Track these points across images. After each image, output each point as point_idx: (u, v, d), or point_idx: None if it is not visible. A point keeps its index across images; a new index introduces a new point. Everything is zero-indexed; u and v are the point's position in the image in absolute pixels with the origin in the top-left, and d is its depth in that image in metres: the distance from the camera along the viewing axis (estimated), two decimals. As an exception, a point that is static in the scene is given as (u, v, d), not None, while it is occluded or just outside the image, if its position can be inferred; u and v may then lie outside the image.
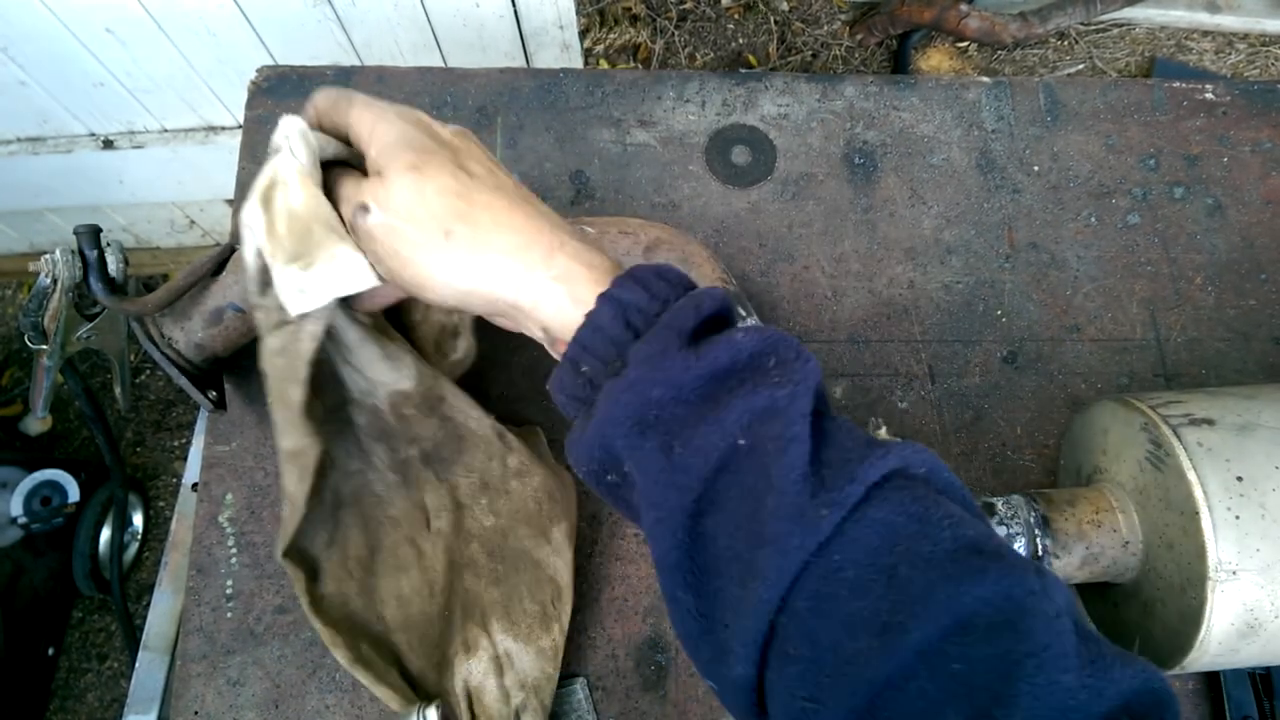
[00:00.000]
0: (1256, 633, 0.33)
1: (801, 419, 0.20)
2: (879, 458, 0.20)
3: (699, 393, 0.21)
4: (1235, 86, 0.53)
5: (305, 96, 0.51)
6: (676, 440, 0.21)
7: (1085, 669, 0.17)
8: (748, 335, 0.22)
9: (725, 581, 0.20)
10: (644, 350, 0.22)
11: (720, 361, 0.21)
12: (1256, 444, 0.34)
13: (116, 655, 0.89)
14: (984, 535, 0.20)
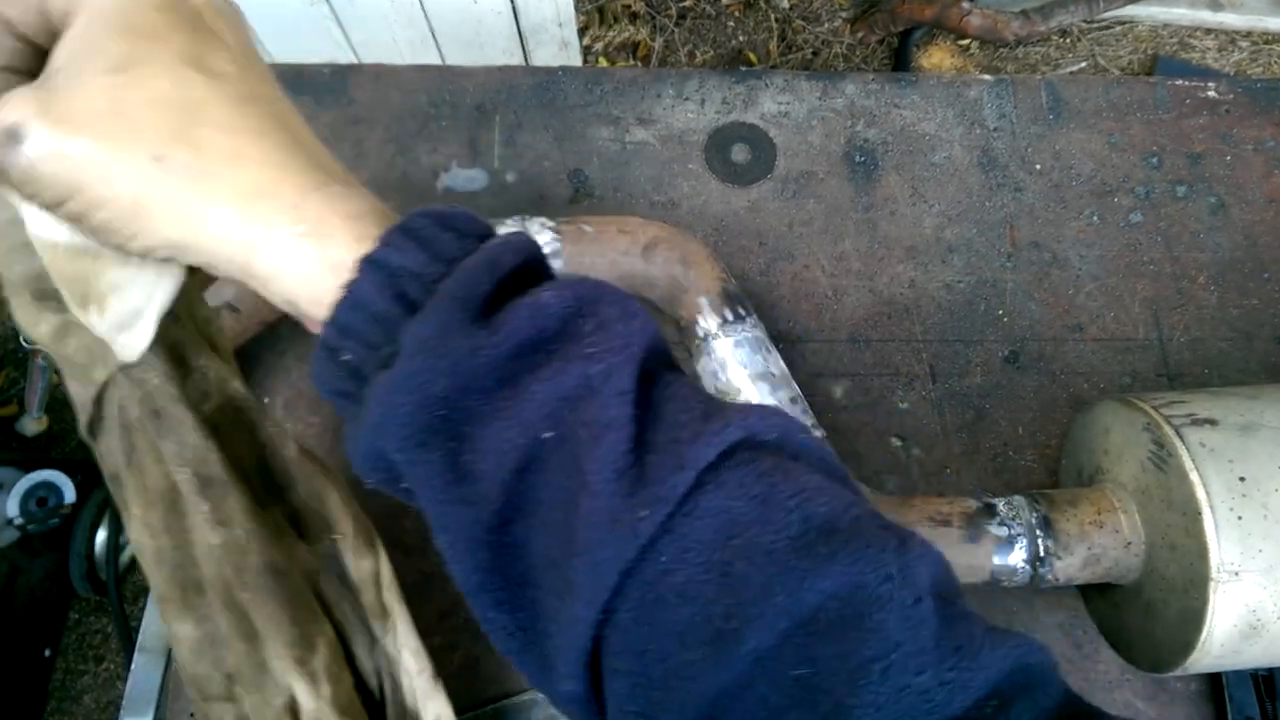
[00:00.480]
0: (1259, 634, 0.33)
1: (619, 398, 0.16)
2: (715, 432, 0.16)
3: (494, 378, 0.16)
4: (1238, 84, 0.53)
5: (302, 95, 0.51)
6: (465, 445, 0.17)
7: (946, 661, 0.15)
8: (558, 294, 0.17)
9: (542, 593, 0.17)
10: (420, 330, 0.16)
11: (520, 333, 0.17)
12: (1259, 444, 0.34)
13: (113, 657, 0.89)
14: (839, 508, 0.16)
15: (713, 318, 0.40)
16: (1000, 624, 0.44)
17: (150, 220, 0.17)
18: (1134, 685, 0.41)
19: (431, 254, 0.18)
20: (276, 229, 0.17)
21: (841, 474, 0.19)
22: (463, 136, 0.50)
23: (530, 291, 0.17)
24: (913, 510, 0.38)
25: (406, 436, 0.16)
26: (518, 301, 0.17)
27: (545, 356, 0.17)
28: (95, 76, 0.16)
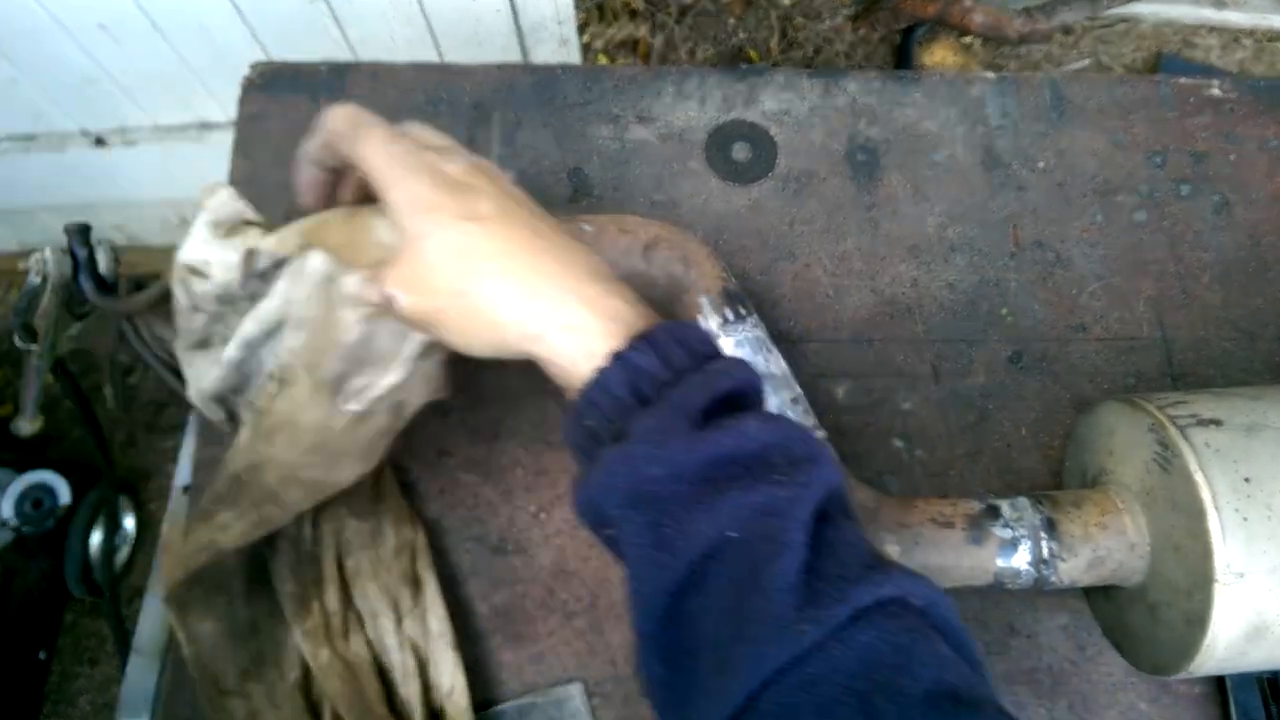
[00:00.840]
0: (1264, 636, 0.33)
1: (799, 526, 0.20)
2: (876, 583, 0.20)
3: (698, 475, 0.21)
4: (1242, 83, 0.53)
5: (299, 93, 0.50)
6: (668, 519, 0.21)
7: None
8: (762, 426, 0.21)
9: (699, 664, 0.20)
10: (647, 424, 0.21)
11: (724, 448, 0.21)
12: (1264, 445, 0.34)
13: (109, 659, 0.88)
14: (968, 683, 0.19)
15: (713, 317, 0.39)
16: (1002, 628, 0.43)
17: (474, 335, 0.25)
18: (1138, 688, 0.41)
19: (665, 362, 0.23)
20: (546, 323, 0.24)
21: (972, 653, 0.22)
22: (461, 135, 0.49)
23: (741, 416, 0.22)
24: (916, 512, 0.37)
25: (623, 498, 0.21)
26: (727, 421, 0.22)
27: (743, 471, 0.21)
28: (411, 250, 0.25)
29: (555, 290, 0.24)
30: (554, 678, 0.40)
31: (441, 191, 0.25)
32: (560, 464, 0.44)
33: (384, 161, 0.25)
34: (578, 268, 0.24)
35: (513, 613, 0.41)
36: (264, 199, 0.48)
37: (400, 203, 0.25)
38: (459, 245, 0.24)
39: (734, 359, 0.24)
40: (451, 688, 0.36)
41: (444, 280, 0.24)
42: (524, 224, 0.25)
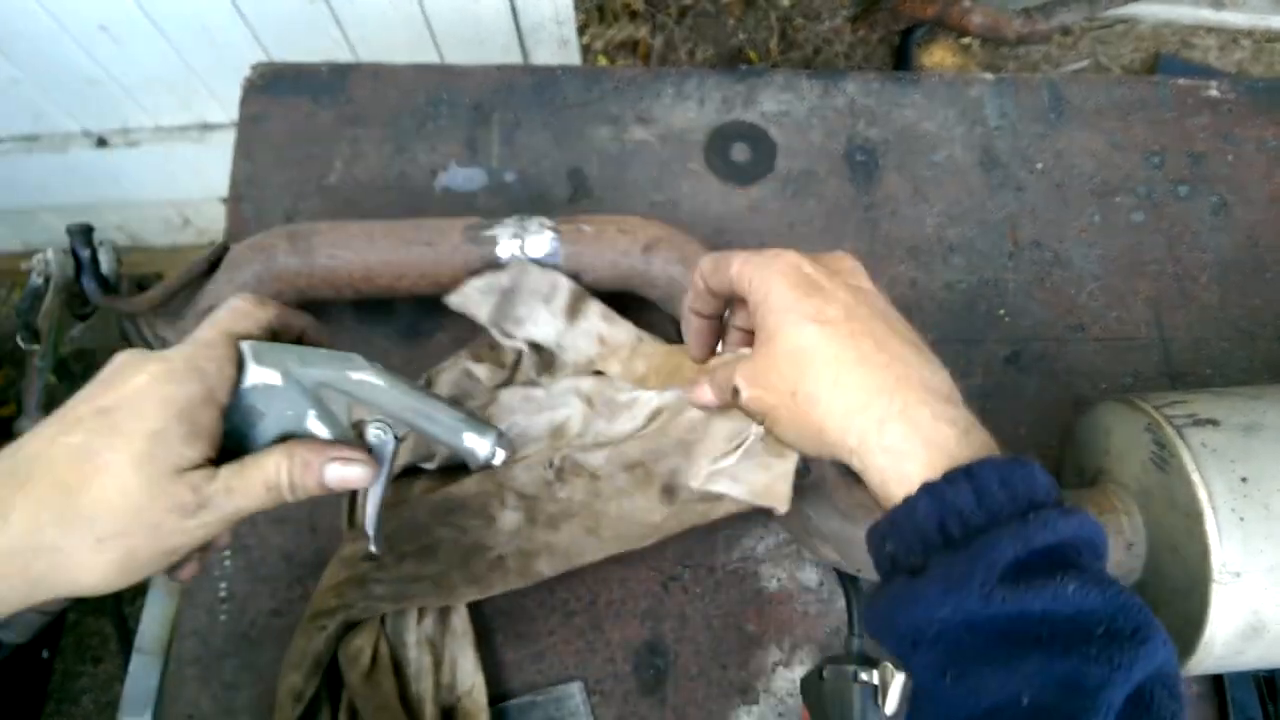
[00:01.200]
0: (1261, 635, 0.33)
1: (1107, 710, 0.18)
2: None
3: (994, 630, 0.19)
4: (1240, 83, 0.53)
5: (300, 94, 0.50)
6: (952, 666, 0.20)
7: None
8: (1084, 589, 0.19)
9: None
10: (949, 568, 0.20)
11: (1029, 606, 0.19)
12: (1261, 445, 0.34)
13: (111, 658, 0.89)
14: None
15: (713, 318, 0.39)
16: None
17: (799, 432, 0.25)
18: (1135, 686, 0.41)
19: (981, 504, 0.21)
20: (867, 443, 0.23)
21: None
22: (461, 135, 0.50)
23: (1061, 575, 0.20)
24: (913, 511, 0.37)
25: (903, 636, 0.21)
26: (1041, 580, 0.19)
27: (1050, 636, 0.19)
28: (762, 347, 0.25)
29: (883, 408, 0.23)
30: (554, 676, 0.40)
31: (796, 292, 0.25)
32: (560, 463, 0.44)
33: (749, 270, 0.26)
34: (914, 385, 0.23)
35: (514, 612, 0.41)
36: (265, 199, 0.48)
37: (759, 303, 0.26)
38: (801, 346, 0.24)
39: (1070, 509, 0.21)
40: (471, 686, 0.36)
41: (782, 378, 0.25)
42: (869, 332, 0.24)
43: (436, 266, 0.40)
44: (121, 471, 0.21)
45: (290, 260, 0.39)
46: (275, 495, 0.24)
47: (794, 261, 0.26)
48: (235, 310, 0.26)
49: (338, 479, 0.24)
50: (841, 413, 0.23)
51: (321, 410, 0.25)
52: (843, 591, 0.39)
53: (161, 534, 0.22)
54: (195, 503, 0.22)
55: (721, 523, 0.43)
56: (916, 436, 0.22)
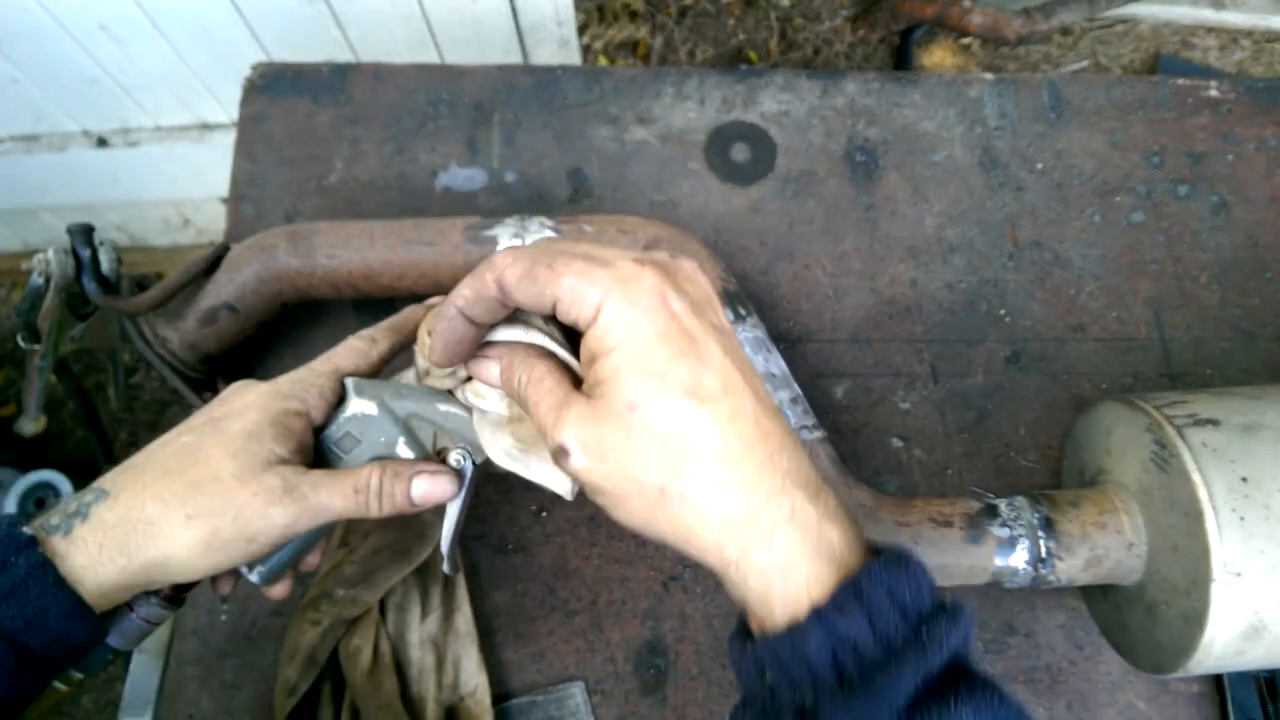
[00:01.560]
0: (1262, 635, 0.33)
1: None
2: None
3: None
4: (1240, 83, 0.53)
5: (300, 94, 0.51)
6: None
7: None
8: (976, 715, 0.18)
9: None
10: (845, 712, 0.18)
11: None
12: (1261, 445, 0.34)
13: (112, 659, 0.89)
14: None
15: (713, 318, 0.39)
16: (1000, 626, 0.43)
17: (654, 527, 0.21)
18: (1136, 687, 0.41)
19: (876, 632, 0.19)
20: (750, 557, 0.20)
21: None
22: (461, 135, 0.50)
23: (954, 701, 0.18)
24: (914, 511, 0.37)
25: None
26: (940, 712, 0.18)
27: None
28: (616, 415, 0.20)
29: (772, 514, 0.19)
30: (555, 676, 0.40)
31: (668, 348, 0.20)
32: (560, 463, 0.44)
33: (593, 295, 0.20)
34: (799, 480, 0.20)
35: (514, 611, 0.41)
36: (265, 199, 0.48)
37: (609, 349, 0.20)
38: (679, 433, 0.20)
39: (952, 609, 0.19)
40: (475, 686, 0.36)
41: (647, 467, 0.20)
42: (748, 413, 0.20)
43: (437, 266, 0.40)
44: (217, 460, 0.23)
45: (290, 260, 0.39)
46: (363, 500, 0.24)
47: (659, 290, 0.20)
48: (349, 349, 0.27)
49: (423, 492, 0.24)
50: (721, 521, 0.20)
51: (410, 438, 0.27)
52: (843, 591, 0.39)
53: (246, 517, 0.23)
54: (282, 490, 0.23)
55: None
56: (805, 546, 0.20)
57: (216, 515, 0.23)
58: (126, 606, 0.27)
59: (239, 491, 0.23)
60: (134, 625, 0.27)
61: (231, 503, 0.23)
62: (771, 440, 0.20)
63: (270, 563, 0.27)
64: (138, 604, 0.27)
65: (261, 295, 0.40)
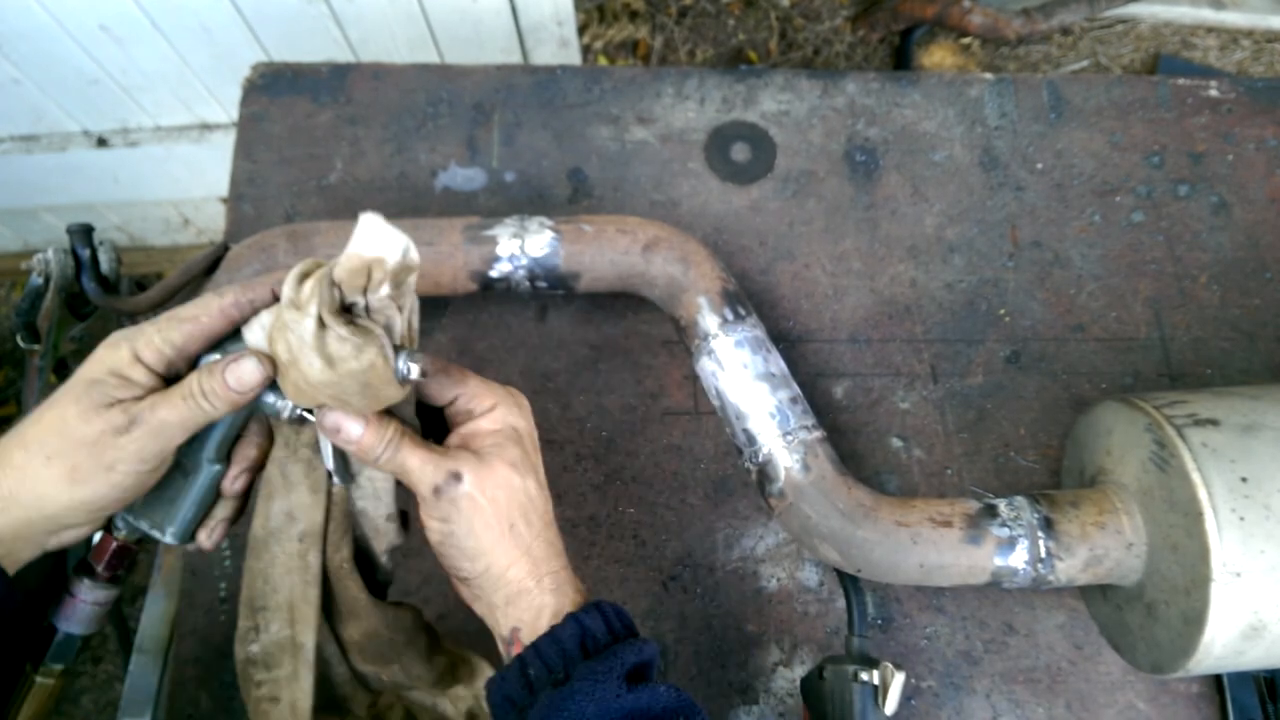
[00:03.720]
0: (1261, 635, 0.33)
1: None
2: None
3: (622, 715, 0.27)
4: (1240, 83, 0.53)
5: (300, 93, 0.50)
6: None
7: None
8: (669, 691, 0.28)
9: None
10: (591, 668, 0.27)
11: (642, 702, 0.27)
12: (1261, 445, 0.34)
13: (111, 658, 0.89)
14: None
15: (712, 317, 0.39)
16: (1000, 626, 0.43)
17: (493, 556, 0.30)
18: (1135, 686, 0.41)
19: (609, 628, 0.29)
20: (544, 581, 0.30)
21: None
22: (461, 135, 0.50)
23: (653, 681, 0.29)
24: (914, 511, 0.37)
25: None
26: (647, 684, 0.28)
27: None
28: (504, 466, 0.30)
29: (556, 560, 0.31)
30: (554, 676, 0.40)
31: (525, 448, 0.30)
32: (560, 463, 0.44)
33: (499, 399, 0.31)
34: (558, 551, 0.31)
35: (513, 611, 0.41)
36: (265, 199, 0.48)
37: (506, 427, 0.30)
38: (529, 491, 0.30)
39: (644, 640, 0.30)
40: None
41: (508, 506, 0.29)
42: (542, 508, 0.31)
43: (437, 266, 0.40)
44: (65, 405, 0.27)
45: (290, 260, 0.39)
46: (192, 404, 0.28)
47: (528, 412, 0.31)
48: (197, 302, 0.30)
49: (235, 377, 0.28)
50: (540, 556, 0.30)
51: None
52: (843, 591, 0.39)
53: (99, 449, 0.27)
54: (126, 421, 0.27)
55: (720, 522, 0.43)
56: (567, 585, 0.30)
57: (70, 453, 0.27)
58: (68, 593, 0.29)
59: (85, 429, 0.26)
60: (82, 610, 0.29)
61: (83, 440, 0.26)
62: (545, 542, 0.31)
63: (177, 520, 0.29)
64: (77, 588, 0.29)
65: (261, 295, 0.40)
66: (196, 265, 0.39)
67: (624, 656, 0.28)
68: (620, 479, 0.44)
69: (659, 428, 0.45)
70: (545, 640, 0.28)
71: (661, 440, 0.44)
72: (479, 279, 0.40)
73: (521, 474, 0.30)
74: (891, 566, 0.37)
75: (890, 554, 0.37)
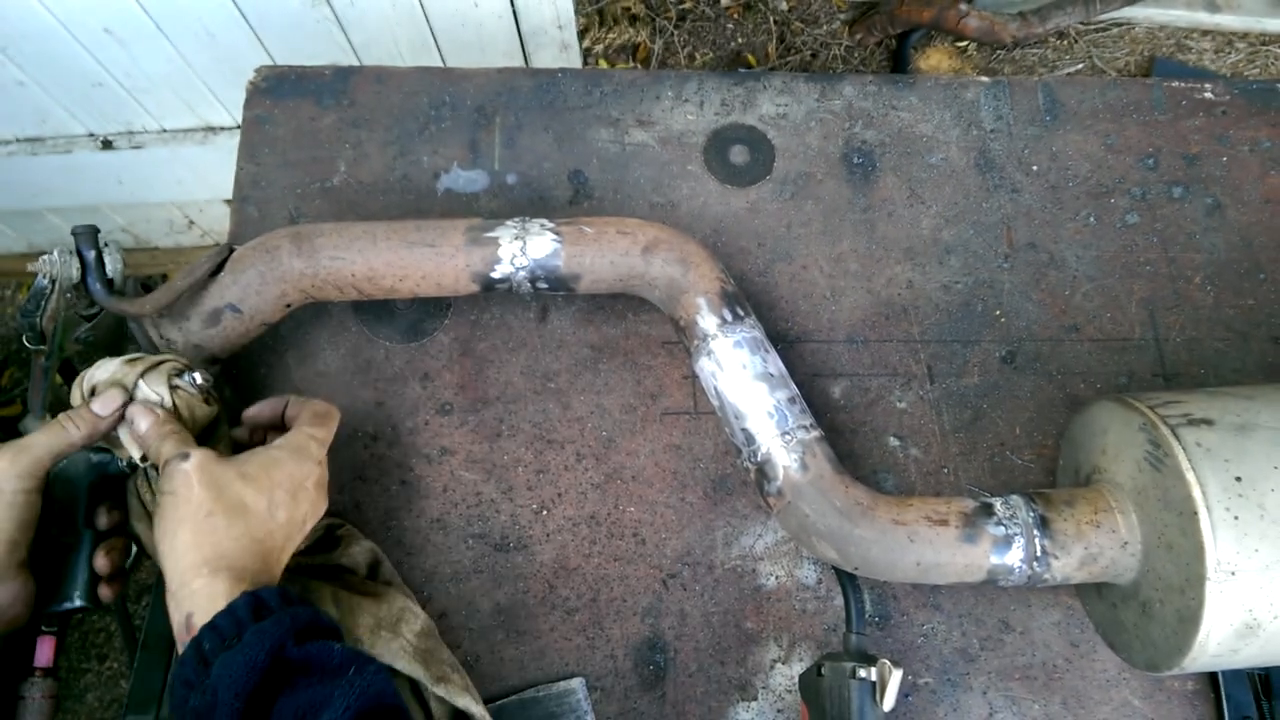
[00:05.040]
0: (1255, 633, 0.33)
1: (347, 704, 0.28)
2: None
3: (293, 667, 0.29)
4: (1234, 86, 0.53)
5: (303, 96, 0.51)
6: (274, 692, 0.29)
7: None
8: (344, 649, 0.30)
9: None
10: (262, 628, 0.29)
11: (314, 653, 0.29)
12: (1255, 444, 0.34)
13: (116, 655, 0.89)
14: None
15: (711, 318, 0.40)
16: (996, 623, 0.43)
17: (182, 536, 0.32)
18: (1131, 684, 0.42)
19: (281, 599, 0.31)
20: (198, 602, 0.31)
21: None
22: (463, 138, 0.50)
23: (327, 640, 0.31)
24: (910, 510, 0.38)
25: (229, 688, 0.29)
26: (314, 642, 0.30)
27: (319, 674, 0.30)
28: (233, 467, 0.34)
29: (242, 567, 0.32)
30: (555, 672, 0.41)
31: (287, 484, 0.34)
32: (561, 462, 0.44)
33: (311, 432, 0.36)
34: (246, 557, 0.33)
35: (515, 609, 0.42)
36: (269, 201, 0.49)
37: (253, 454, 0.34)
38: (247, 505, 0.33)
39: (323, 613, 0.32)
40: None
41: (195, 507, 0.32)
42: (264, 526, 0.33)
43: (439, 268, 0.40)
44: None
45: (294, 262, 0.40)
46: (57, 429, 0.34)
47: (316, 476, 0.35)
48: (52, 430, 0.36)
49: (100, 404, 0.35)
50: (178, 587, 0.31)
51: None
52: (840, 589, 0.39)
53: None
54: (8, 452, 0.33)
55: (719, 521, 0.44)
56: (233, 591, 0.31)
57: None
58: (21, 698, 0.35)
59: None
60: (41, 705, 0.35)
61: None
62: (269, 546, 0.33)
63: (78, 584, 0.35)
64: (29, 690, 0.35)
65: (265, 297, 0.40)
66: (201, 267, 0.40)
67: (299, 616, 0.30)
68: (620, 478, 0.44)
69: (659, 427, 0.45)
70: (220, 615, 0.29)
71: (661, 440, 0.45)
72: (481, 280, 0.41)
73: (249, 484, 0.32)
74: (889, 564, 0.37)
75: (887, 552, 0.37)
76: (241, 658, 0.28)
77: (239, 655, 0.28)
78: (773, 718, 0.41)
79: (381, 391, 0.45)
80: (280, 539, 0.33)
